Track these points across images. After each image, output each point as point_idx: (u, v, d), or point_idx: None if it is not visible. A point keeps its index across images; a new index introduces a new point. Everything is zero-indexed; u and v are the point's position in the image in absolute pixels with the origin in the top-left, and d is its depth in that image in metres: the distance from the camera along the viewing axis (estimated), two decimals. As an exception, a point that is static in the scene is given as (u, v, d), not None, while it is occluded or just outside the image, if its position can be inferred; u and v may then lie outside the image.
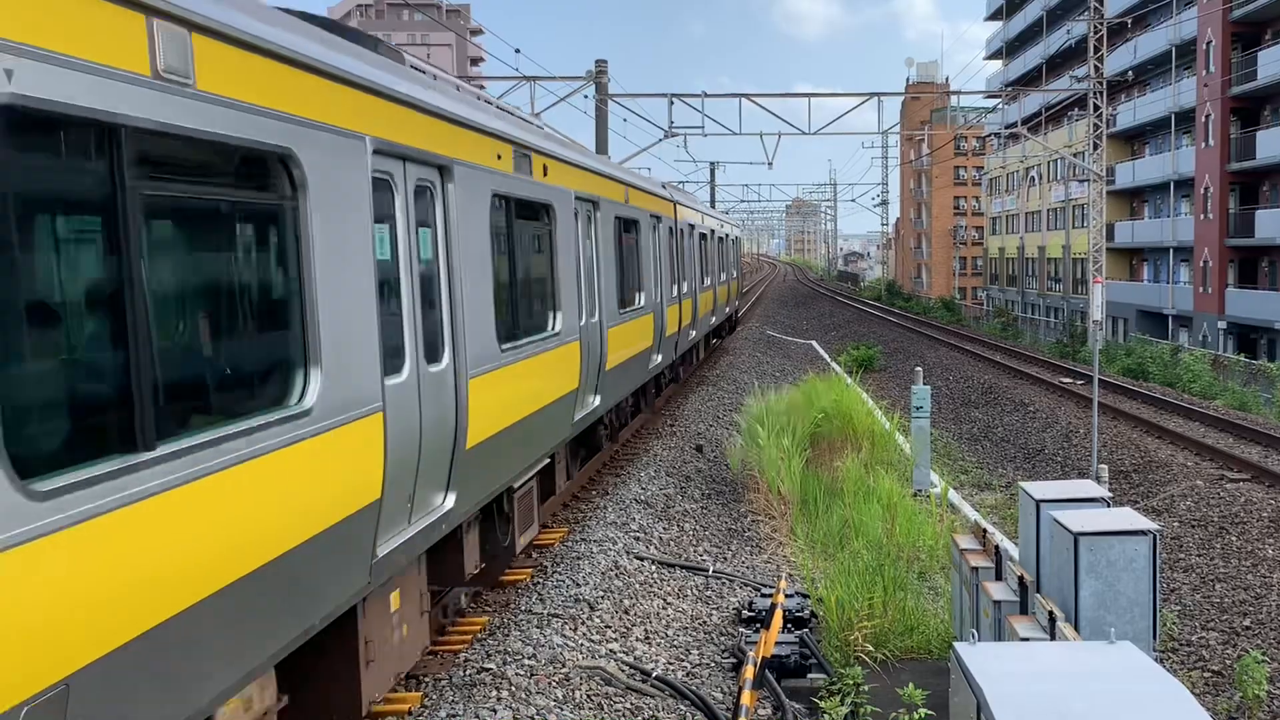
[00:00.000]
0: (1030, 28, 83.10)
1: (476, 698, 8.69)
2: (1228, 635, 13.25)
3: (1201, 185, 54.30)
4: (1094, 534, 8.20)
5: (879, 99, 40.93)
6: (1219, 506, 18.37)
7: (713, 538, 15.57)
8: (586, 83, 36.19)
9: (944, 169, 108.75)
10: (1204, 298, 54.12)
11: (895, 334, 55.91)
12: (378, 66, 7.51)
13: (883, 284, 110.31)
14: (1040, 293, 78.63)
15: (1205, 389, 34.53)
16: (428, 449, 8.04)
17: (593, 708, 8.97)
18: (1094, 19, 45.58)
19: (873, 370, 40.43)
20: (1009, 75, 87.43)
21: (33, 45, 4.06)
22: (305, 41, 6.32)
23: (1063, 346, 47.81)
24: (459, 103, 9.23)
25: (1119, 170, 64.40)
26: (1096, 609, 8.16)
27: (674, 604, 12.21)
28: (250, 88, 5.63)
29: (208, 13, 5.22)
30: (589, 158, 15.03)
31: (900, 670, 10.13)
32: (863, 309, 77.60)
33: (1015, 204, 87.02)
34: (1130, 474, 22.08)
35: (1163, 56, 59.59)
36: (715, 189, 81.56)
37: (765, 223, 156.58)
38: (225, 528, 5.27)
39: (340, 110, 6.70)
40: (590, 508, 15.50)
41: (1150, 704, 5.61)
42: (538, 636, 10.11)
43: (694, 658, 10.80)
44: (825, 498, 16.80)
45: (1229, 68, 51.48)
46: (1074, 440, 25.63)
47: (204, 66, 5.20)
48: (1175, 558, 16.30)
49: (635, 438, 21.02)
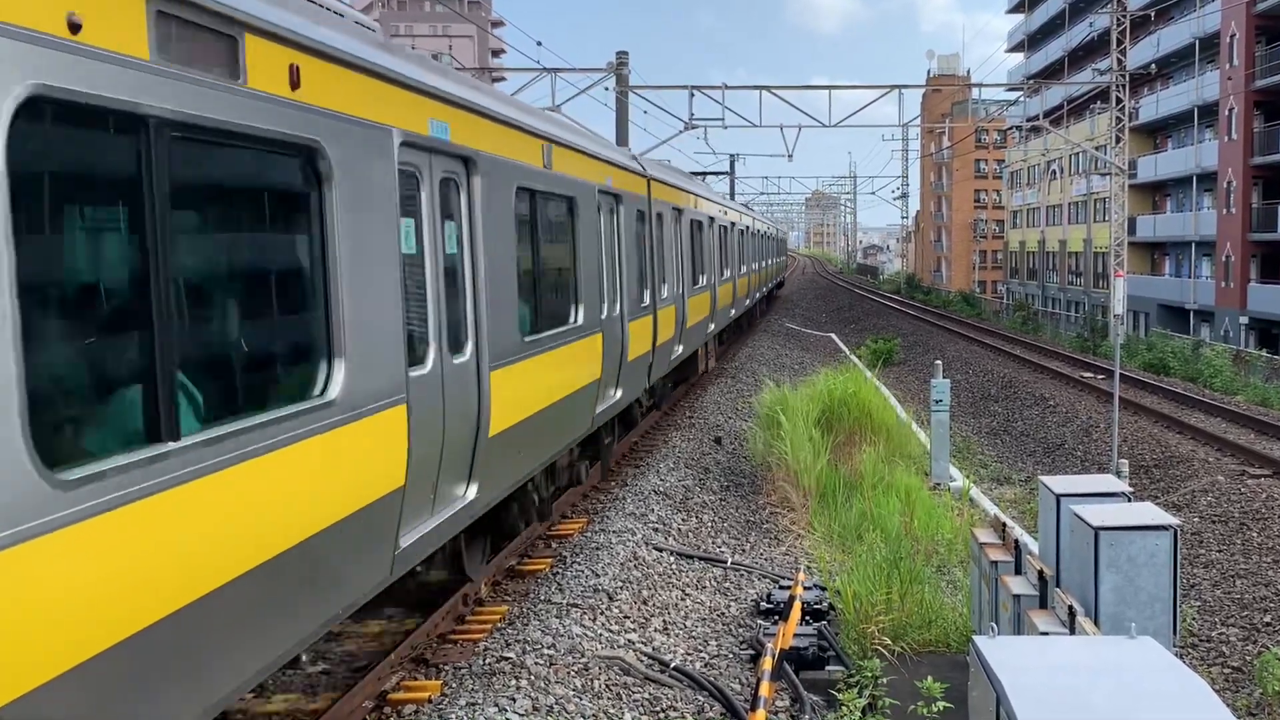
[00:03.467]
0: (1052, 20, 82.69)
1: (496, 686, 8.73)
2: (1248, 631, 13.20)
3: (1224, 179, 53.96)
4: (1115, 529, 8.18)
5: (899, 91, 40.83)
6: (1240, 502, 18.30)
7: (731, 529, 15.59)
8: (607, 74, 36.18)
9: (964, 162, 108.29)
10: (1226, 292, 53.80)
11: (914, 327, 55.76)
12: (404, 58, 7.57)
13: (902, 277, 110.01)
14: (1061, 287, 78.31)
15: (1227, 384, 34.33)
16: (450, 440, 8.06)
17: (611, 697, 9.00)
18: (1117, 11, 45.31)
19: (892, 363, 40.34)
20: (1031, 68, 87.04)
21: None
22: (332, 33, 6.33)
23: (1083, 341, 47.59)
24: (484, 95, 9.29)
25: (1141, 164, 64.03)
26: (1116, 604, 8.15)
27: (692, 595, 12.23)
28: (284, 82, 5.69)
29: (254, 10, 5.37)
30: (611, 150, 15.08)
31: (918, 663, 10.13)
32: (882, 302, 77.41)
33: (1036, 197, 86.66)
34: (1151, 469, 22.01)
35: (1186, 49, 59.22)
36: (735, 181, 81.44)
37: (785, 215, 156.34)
38: (248, 517, 5.32)
39: (367, 103, 6.73)
40: (609, 498, 15.54)
41: (1171, 699, 5.61)
42: (557, 626, 10.15)
43: (712, 649, 10.83)
44: (844, 490, 16.79)
45: (1252, 61, 51.12)
46: (1094, 435, 25.55)
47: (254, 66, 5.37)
48: (1195, 553, 16.25)
49: (654, 429, 21.05)
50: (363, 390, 6.48)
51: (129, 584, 4.44)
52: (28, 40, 3.97)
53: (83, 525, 4.16)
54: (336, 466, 6.19)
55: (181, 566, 4.79)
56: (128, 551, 4.43)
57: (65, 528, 4.07)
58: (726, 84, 40.49)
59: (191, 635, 4.90)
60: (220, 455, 5.06)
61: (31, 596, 3.91)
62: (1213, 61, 56.55)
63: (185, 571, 4.81)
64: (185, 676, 4.93)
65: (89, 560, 4.21)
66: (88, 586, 4.19)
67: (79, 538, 4.15)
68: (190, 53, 4.90)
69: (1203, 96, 56.72)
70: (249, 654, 5.46)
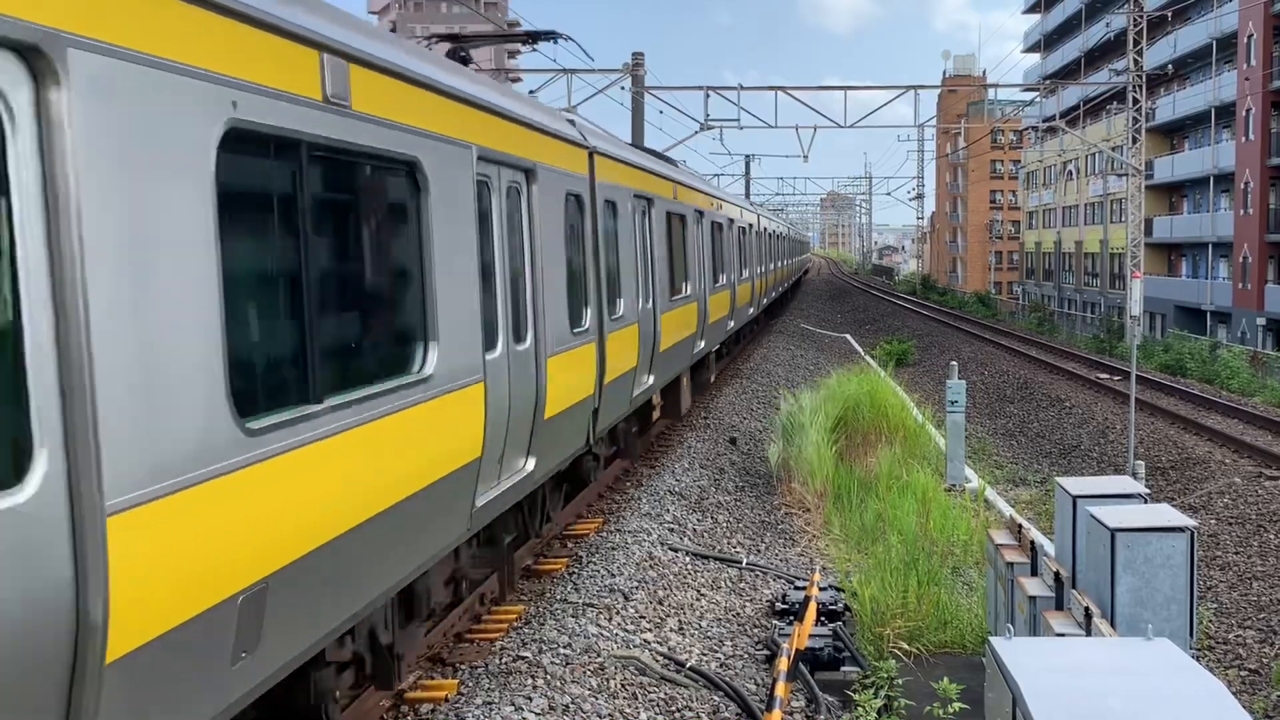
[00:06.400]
0: (1069, 20, 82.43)
1: (512, 686, 8.76)
2: (1265, 634, 13.16)
3: (1241, 180, 53.73)
4: (1131, 530, 8.17)
5: (915, 92, 40.77)
6: (1257, 504, 18.23)
7: (746, 530, 15.61)
8: (623, 75, 36.23)
9: (980, 163, 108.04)
10: (1243, 294, 53.56)
11: (930, 328, 55.66)
12: (479, 83, 8.74)
13: (917, 278, 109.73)
14: (1076, 288, 78.05)
15: (1244, 386, 34.19)
16: (514, 417, 9.18)
17: (627, 697, 9.02)
18: (1133, 12, 45.14)
19: (907, 365, 40.28)
20: (1047, 68, 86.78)
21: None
22: (422, 63, 7.48)
23: (1099, 342, 47.42)
24: (541, 112, 10.64)
25: (1158, 164, 63.79)
26: (1133, 605, 8.14)
27: (708, 595, 12.25)
28: (389, 106, 6.75)
29: (361, 45, 6.38)
30: (644, 158, 16.23)
31: (934, 665, 10.13)
32: (897, 303, 77.27)
33: (1052, 198, 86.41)
34: (1167, 470, 21.93)
35: (1203, 50, 58.98)
36: (750, 182, 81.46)
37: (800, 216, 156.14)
38: (371, 468, 6.38)
39: (452, 123, 7.82)
40: (625, 499, 15.57)
41: (1188, 701, 5.60)
42: (573, 626, 10.18)
43: (727, 649, 10.84)
44: (859, 491, 16.79)
45: (1270, 61, 50.88)
46: (1110, 436, 25.47)
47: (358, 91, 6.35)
48: (1212, 555, 16.20)
49: (670, 430, 21.06)
50: (452, 368, 7.62)
51: (290, 519, 5.48)
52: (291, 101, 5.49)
53: (262, 465, 5.22)
54: (431, 431, 7.29)
55: (328, 506, 5.85)
56: (291, 489, 5.47)
57: (250, 466, 5.11)
58: (742, 85, 40.52)
59: (340, 560, 6.04)
60: (350, 417, 6.08)
61: (231, 517, 4.99)
62: (1230, 62, 56.31)
63: (331, 509, 5.88)
64: (338, 589, 6.10)
65: (266, 493, 5.27)
66: (264, 516, 5.27)
67: (260, 474, 5.21)
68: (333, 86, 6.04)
69: (1220, 97, 56.48)
70: (377, 580, 6.67)
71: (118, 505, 4.22)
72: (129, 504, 4.29)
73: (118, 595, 4.18)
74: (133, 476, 4.32)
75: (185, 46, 4.73)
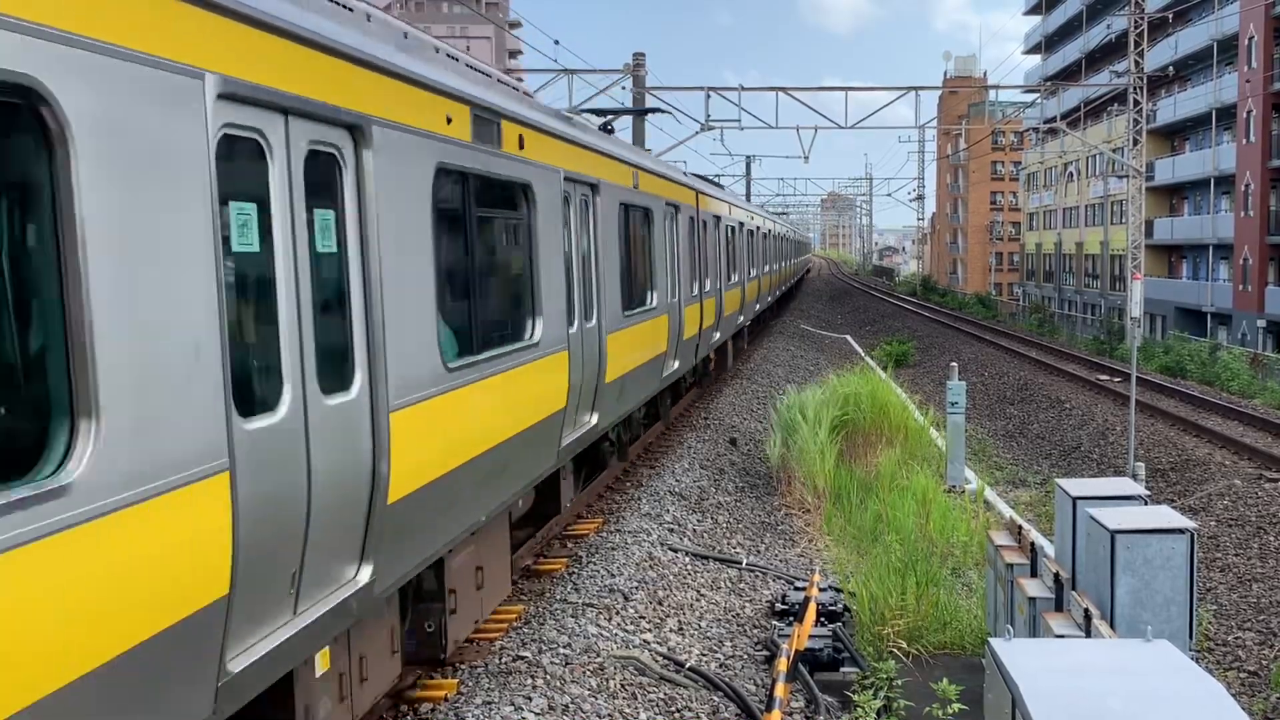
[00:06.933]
0: (1070, 22, 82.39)
1: (512, 685, 8.77)
2: (1264, 636, 13.17)
3: (1242, 182, 53.71)
4: (1131, 531, 8.18)
5: (916, 93, 40.74)
6: (1257, 506, 18.24)
7: (746, 530, 15.61)
8: (624, 76, 36.22)
9: (981, 164, 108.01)
10: (1243, 295, 53.53)
11: (930, 329, 55.67)
12: (564, 121, 11.48)
13: (918, 279, 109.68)
14: (1077, 289, 78.02)
15: (1244, 387, 34.19)
16: (584, 380, 11.65)
17: (626, 697, 9.03)
18: (1135, 14, 45.12)
19: (907, 365, 40.29)
20: (1048, 70, 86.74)
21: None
22: (537, 114, 10.27)
23: (1099, 343, 47.40)
24: (603, 140, 13.40)
25: (1158, 166, 63.74)
26: (1133, 607, 8.15)
27: (707, 596, 12.26)
28: (513, 144, 9.24)
29: (503, 103, 9.03)
30: (670, 169, 18.67)
31: (934, 665, 10.14)
32: (898, 304, 77.28)
33: (1053, 199, 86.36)
34: (1167, 472, 21.93)
35: (1204, 51, 58.93)
36: (751, 182, 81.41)
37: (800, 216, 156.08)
38: (511, 401, 8.96)
39: (551, 154, 10.40)
40: (625, 499, 15.57)
41: (1187, 702, 5.61)
42: (573, 626, 10.18)
43: (727, 649, 10.85)
44: (859, 492, 16.79)
45: (1271, 63, 50.84)
46: (1110, 438, 25.47)
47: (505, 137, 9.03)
48: (1212, 557, 16.20)
49: (670, 430, 21.07)
50: (550, 337, 10.11)
51: (473, 425, 8.12)
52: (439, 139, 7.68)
53: (456, 392, 7.69)
54: (540, 383, 9.81)
55: (490, 423, 8.43)
56: (474, 407, 8.11)
57: (449, 391, 7.56)
58: (742, 85, 40.50)
59: (496, 463, 8.63)
60: (500, 365, 8.69)
61: (444, 421, 7.53)
62: (1231, 64, 56.27)
63: (493, 425, 8.49)
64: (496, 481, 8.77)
65: (458, 408, 7.79)
66: (460, 423, 7.86)
67: (454, 397, 7.65)
68: (480, 134, 8.44)
69: (1221, 99, 56.45)
70: (515, 480, 9.35)
71: (396, 405, 6.65)
72: (400, 406, 6.72)
73: (395, 461, 6.58)
74: (402, 390, 6.76)
75: (421, 118, 7.30)
